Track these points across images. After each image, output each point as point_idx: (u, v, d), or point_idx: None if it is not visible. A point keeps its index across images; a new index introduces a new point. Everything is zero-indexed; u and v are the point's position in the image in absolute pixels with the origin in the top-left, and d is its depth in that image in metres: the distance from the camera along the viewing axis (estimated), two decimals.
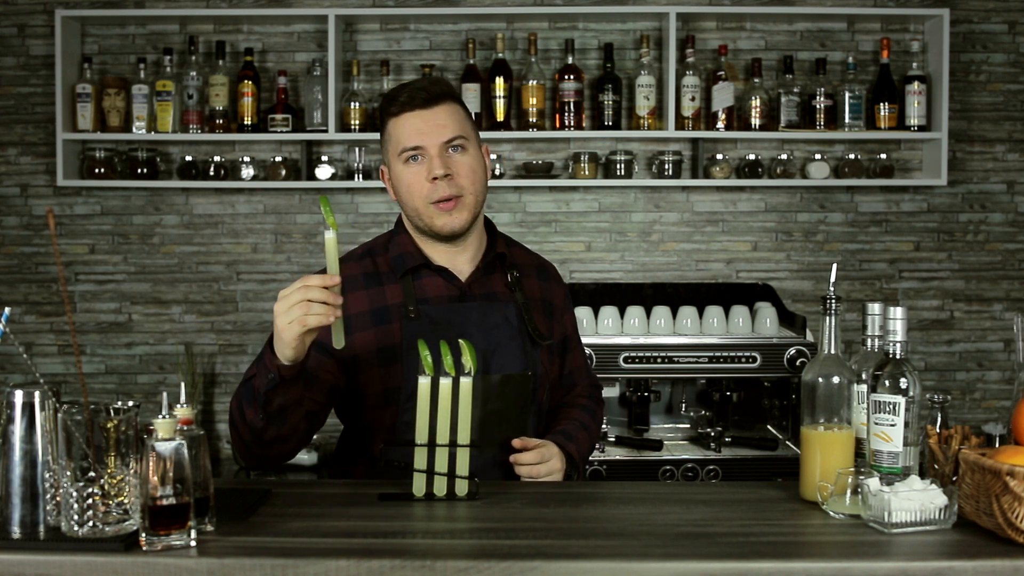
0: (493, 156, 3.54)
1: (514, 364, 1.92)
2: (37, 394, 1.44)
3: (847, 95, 3.48)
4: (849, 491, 1.56)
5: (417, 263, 1.95)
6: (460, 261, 1.97)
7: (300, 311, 1.58)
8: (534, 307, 2.01)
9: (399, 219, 2.01)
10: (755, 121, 3.50)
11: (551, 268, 2.15)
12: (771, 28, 3.61)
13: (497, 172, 3.50)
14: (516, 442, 1.84)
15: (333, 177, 3.52)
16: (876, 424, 1.62)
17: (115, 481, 1.40)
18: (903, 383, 1.61)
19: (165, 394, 1.48)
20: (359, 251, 2.01)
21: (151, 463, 1.38)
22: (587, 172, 3.50)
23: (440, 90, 1.90)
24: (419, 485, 1.68)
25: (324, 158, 3.54)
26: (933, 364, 3.66)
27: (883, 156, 3.54)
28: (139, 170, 3.50)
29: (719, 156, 3.54)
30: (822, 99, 3.49)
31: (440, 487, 1.67)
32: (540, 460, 1.85)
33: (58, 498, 1.43)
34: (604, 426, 3.14)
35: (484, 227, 2.03)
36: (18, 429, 1.43)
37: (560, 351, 2.09)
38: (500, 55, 3.49)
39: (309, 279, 1.60)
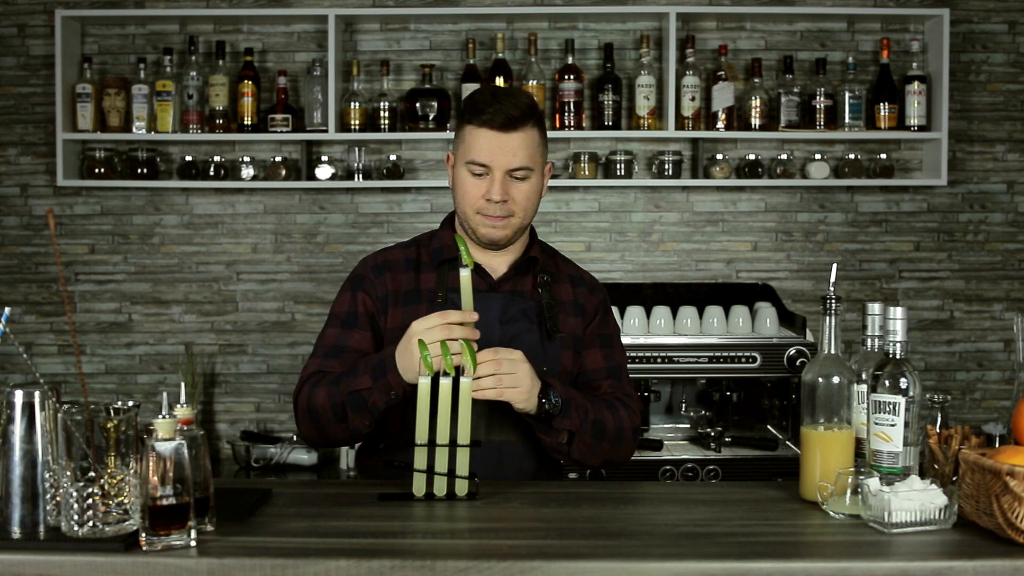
0: None
1: (529, 357, 1.92)
2: (37, 394, 1.44)
3: (847, 95, 3.48)
4: (849, 491, 1.56)
5: (453, 255, 2.00)
6: (496, 262, 2.04)
7: (442, 333, 1.70)
8: (561, 309, 2.04)
9: (445, 218, 2.11)
10: (755, 121, 3.49)
11: (589, 279, 2.15)
12: (771, 28, 3.61)
13: None
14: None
15: (333, 177, 3.51)
16: (876, 424, 1.63)
17: (115, 481, 1.41)
18: (903, 383, 1.61)
19: (165, 394, 1.49)
20: (409, 241, 2.11)
21: (151, 463, 1.38)
22: (587, 172, 3.50)
23: (521, 113, 1.92)
24: (419, 485, 1.68)
25: (324, 158, 3.54)
26: (933, 364, 3.66)
27: (883, 156, 3.53)
28: (139, 170, 3.49)
29: (719, 156, 3.54)
30: (822, 99, 3.48)
31: (440, 487, 1.68)
32: (496, 371, 1.77)
33: (58, 498, 1.43)
34: None
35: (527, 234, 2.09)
36: (18, 429, 1.43)
37: (580, 347, 2.08)
38: (500, 55, 3.49)
39: (449, 315, 1.72)
